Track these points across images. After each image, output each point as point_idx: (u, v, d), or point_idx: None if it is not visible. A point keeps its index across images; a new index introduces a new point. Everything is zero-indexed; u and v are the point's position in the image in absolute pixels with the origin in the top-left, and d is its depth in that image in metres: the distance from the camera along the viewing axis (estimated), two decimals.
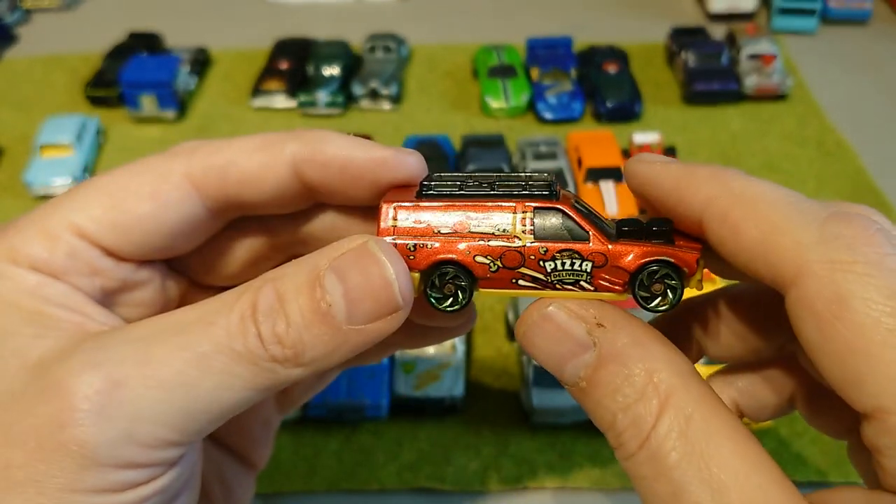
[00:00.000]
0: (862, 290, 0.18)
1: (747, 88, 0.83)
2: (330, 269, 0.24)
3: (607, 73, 0.85)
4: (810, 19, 0.96)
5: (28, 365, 0.24)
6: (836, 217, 0.19)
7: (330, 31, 0.95)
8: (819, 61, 0.92)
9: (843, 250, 0.19)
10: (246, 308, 0.24)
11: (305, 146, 0.28)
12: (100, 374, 0.23)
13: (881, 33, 0.98)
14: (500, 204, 0.26)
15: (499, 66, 0.87)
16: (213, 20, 1.04)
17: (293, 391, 0.39)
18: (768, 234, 0.20)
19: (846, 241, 0.19)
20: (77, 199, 0.28)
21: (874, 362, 0.18)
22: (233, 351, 0.24)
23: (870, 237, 0.19)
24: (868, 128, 0.82)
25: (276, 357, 0.24)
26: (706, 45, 0.87)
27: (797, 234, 0.20)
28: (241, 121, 0.84)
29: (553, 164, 0.71)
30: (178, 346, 0.24)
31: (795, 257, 0.20)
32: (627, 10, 1.04)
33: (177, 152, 0.29)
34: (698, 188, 0.23)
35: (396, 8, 1.06)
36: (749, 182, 0.22)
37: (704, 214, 0.22)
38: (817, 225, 0.19)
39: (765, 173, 0.75)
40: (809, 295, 0.19)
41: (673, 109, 0.84)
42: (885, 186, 0.73)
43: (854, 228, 0.19)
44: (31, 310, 0.26)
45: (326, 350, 0.25)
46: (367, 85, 0.84)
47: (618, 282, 0.26)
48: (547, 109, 0.82)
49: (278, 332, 0.24)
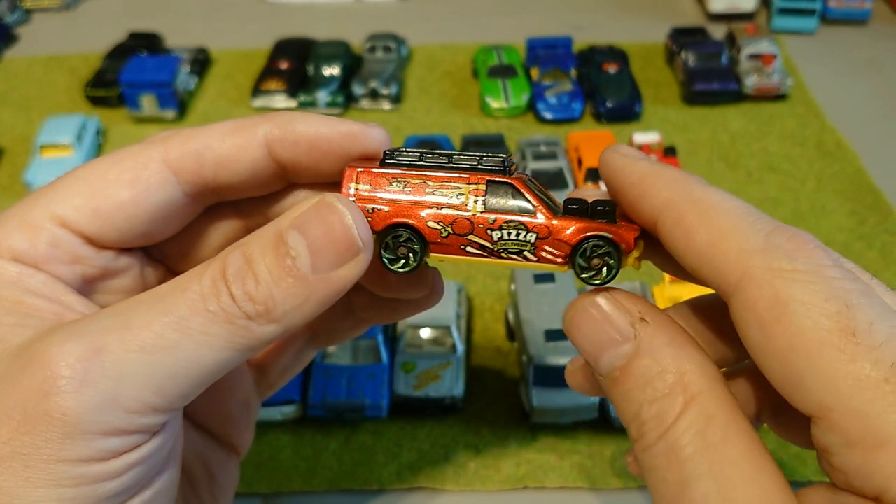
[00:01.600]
0: (801, 295, 0.19)
1: (747, 88, 0.83)
2: (292, 227, 0.26)
3: (607, 73, 0.85)
4: (810, 19, 0.96)
5: (10, 350, 0.25)
6: (781, 230, 0.20)
7: (330, 31, 0.95)
8: (819, 61, 0.92)
9: (784, 259, 0.20)
10: (216, 272, 0.26)
11: (276, 126, 0.30)
12: (81, 343, 0.24)
13: (881, 33, 0.98)
14: (457, 175, 0.28)
15: (499, 66, 0.87)
16: (214, 20, 1.04)
17: (271, 372, 0.40)
18: (716, 240, 0.21)
19: (788, 251, 0.20)
20: (57, 189, 0.29)
21: (814, 362, 0.18)
22: (208, 311, 0.25)
23: (810, 250, 0.20)
24: (867, 128, 0.82)
25: (249, 314, 0.25)
26: (706, 45, 0.87)
27: (743, 241, 0.21)
28: None
29: (553, 164, 0.72)
30: (157, 311, 0.25)
31: (739, 263, 0.20)
32: (627, 11, 1.04)
33: (153, 140, 0.30)
34: (660, 189, 0.24)
35: (396, 8, 1.06)
36: (708, 190, 0.23)
37: (661, 215, 0.23)
38: (763, 235, 0.20)
39: (765, 173, 0.75)
40: (751, 298, 0.20)
41: (673, 109, 0.84)
42: (884, 186, 0.73)
43: (796, 242, 0.20)
44: (10, 300, 0.27)
45: (296, 302, 0.26)
46: (367, 85, 0.85)
47: (559, 254, 0.27)
48: (547, 109, 0.82)
49: (249, 291, 0.25)
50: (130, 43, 0.92)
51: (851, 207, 0.71)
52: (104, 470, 0.24)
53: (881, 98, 0.87)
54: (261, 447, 0.53)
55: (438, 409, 0.54)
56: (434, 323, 0.56)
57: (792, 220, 0.70)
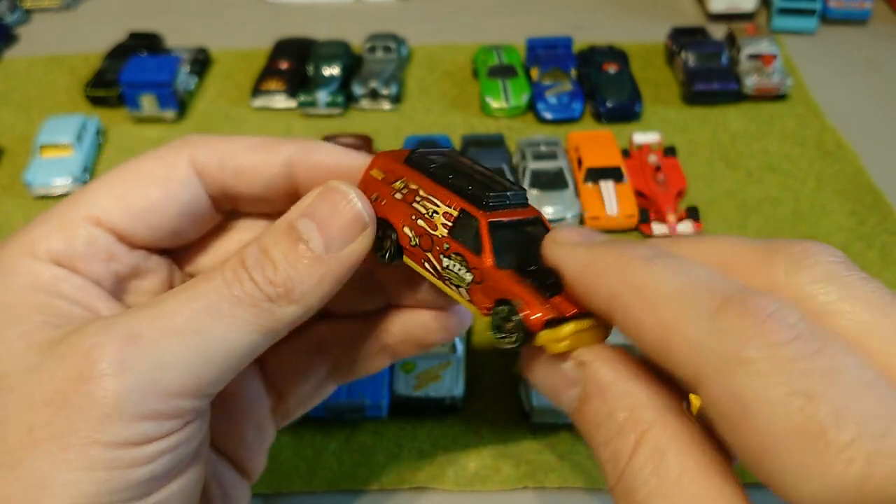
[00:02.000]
0: (759, 391, 0.17)
1: (747, 88, 0.83)
2: (301, 215, 0.28)
3: (607, 73, 0.85)
4: (810, 19, 0.96)
5: (36, 344, 0.26)
6: (730, 306, 0.18)
7: (330, 31, 0.95)
8: (819, 61, 0.92)
9: (734, 347, 0.18)
10: (236, 263, 0.28)
11: (301, 150, 0.32)
12: (118, 331, 0.25)
13: (881, 33, 0.98)
14: (446, 194, 0.29)
15: (499, 67, 0.87)
16: (214, 20, 1.04)
17: (289, 399, 0.40)
18: (664, 336, 0.20)
19: (738, 336, 0.18)
20: (91, 190, 0.31)
21: (787, 466, 0.17)
22: (233, 296, 0.27)
23: (762, 327, 0.17)
24: (868, 128, 0.82)
25: (271, 296, 0.27)
26: (706, 45, 0.87)
27: (690, 333, 0.19)
28: (242, 121, 0.84)
29: (553, 164, 0.72)
30: (186, 299, 0.27)
31: (691, 361, 0.19)
32: (627, 11, 1.04)
33: (181, 143, 0.32)
34: (601, 282, 0.22)
35: (396, 8, 1.06)
36: (650, 272, 0.21)
37: (609, 310, 0.22)
38: (709, 320, 0.18)
39: (764, 173, 0.75)
40: (711, 398, 0.18)
41: (672, 109, 0.84)
42: (884, 186, 0.73)
43: (746, 319, 0.18)
44: (41, 302, 0.28)
45: (313, 281, 0.28)
46: (367, 85, 0.84)
47: (485, 304, 0.28)
48: (547, 109, 0.82)
49: (268, 276, 0.27)
50: (130, 43, 0.92)
51: (851, 207, 0.71)
52: (138, 455, 0.25)
53: (881, 98, 0.87)
54: None
55: (438, 409, 0.54)
56: None
57: (792, 220, 0.70)
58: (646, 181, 0.72)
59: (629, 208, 0.69)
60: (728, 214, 0.71)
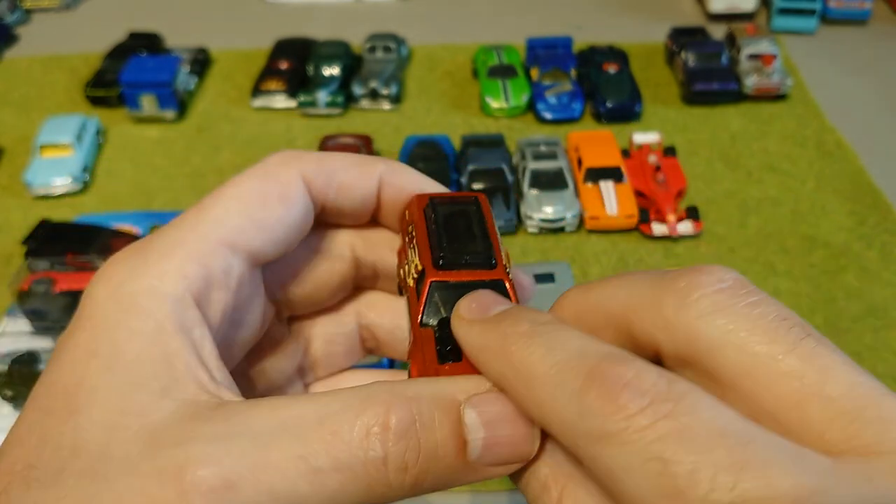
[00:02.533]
0: (622, 463, 0.18)
1: (747, 88, 0.83)
2: (471, 405, 0.23)
3: (607, 73, 0.85)
4: (810, 19, 0.96)
5: (148, 428, 0.24)
6: (590, 383, 0.19)
7: (330, 31, 0.95)
8: (819, 61, 0.92)
9: (598, 425, 0.19)
10: (373, 423, 0.23)
11: (389, 169, 0.31)
12: (217, 472, 0.22)
13: (881, 33, 0.98)
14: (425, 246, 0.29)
15: (499, 67, 0.87)
16: (213, 20, 1.04)
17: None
18: (542, 416, 0.21)
19: (600, 414, 0.19)
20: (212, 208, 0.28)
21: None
22: (352, 472, 0.22)
23: (617, 401, 0.18)
24: (868, 128, 0.82)
25: (394, 484, 0.23)
26: (706, 45, 0.87)
27: (562, 413, 0.20)
28: (242, 121, 0.84)
29: (553, 164, 0.72)
30: (295, 454, 0.23)
31: (567, 438, 0.20)
32: (627, 11, 1.04)
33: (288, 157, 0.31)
34: (489, 362, 0.23)
35: (396, 8, 1.06)
36: (527, 352, 0.21)
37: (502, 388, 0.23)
38: (576, 399, 0.19)
39: (765, 173, 0.75)
40: (590, 471, 0.20)
41: (672, 109, 0.84)
42: (884, 186, 0.73)
43: (605, 397, 0.19)
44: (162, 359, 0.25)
45: (446, 482, 0.24)
46: (367, 85, 0.84)
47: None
48: (547, 109, 0.82)
49: (407, 460, 0.23)
50: (130, 43, 0.92)
51: (851, 207, 0.71)
52: None
53: (881, 98, 0.87)
54: None
55: None
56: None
57: (792, 220, 0.70)
58: (646, 181, 0.72)
59: (629, 208, 0.69)
60: (728, 214, 0.71)
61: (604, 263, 0.67)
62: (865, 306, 0.62)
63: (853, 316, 0.61)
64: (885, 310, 0.61)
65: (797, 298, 0.63)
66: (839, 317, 0.61)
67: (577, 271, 0.65)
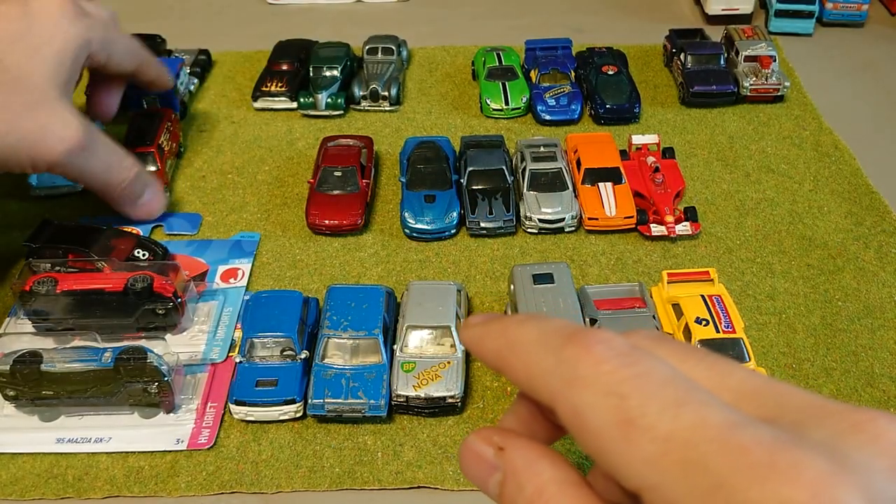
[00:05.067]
0: (587, 398, 0.22)
1: (745, 90, 0.83)
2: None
3: (606, 75, 0.85)
4: (807, 21, 0.96)
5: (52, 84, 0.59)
6: (570, 342, 0.23)
7: (330, 33, 0.96)
8: (816, 63, 0.92)
9: (571, 370, 0.23)
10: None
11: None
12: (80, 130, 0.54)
13: (877, 35, 0.98)
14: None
15: (498, 68, 0.87)
16: (215, 22, 1.05)
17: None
18: (528, 373, 0.25)
19: (573, 361, 0.23)
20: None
21: (614, 456, 0.21)
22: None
23: (590, 352, 0.22)
24: (864, 129, 0.82)
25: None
26: (704, 46, 0.87)
27: (544, 365, 0.24)
28: (243, 122, 0.85)
29: (552, 165, 0.72)
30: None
31: (545, 387, 0.24)
32: (626, 13, 1.05)
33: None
34: (488, 344, 0.27)
35: (397, 10, 1.06)
36: (520, 329, 0.26)
37: (496, 362, 0.27)
38: (556, 354, 0.23)
39: (762, 175, 0.76)
40: (561, 413, 0.23)
41: (671, 111, 0.85)
42: (880, 187, 0.74)
43: (579, 349, 0.23)
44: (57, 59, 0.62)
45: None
46: (368, 87, 0.85)
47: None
48: (546, 111, 0.82)
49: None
50: None
51: (848, 208, 0.72)
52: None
53: (878, 100, 0.87)
54: (261, 447, 0.53)
55: (438, 409, 0.54)
56: (434, 323, 0.57)
57: (789, 221, 0.71)
58: (644, 182, 0.72)
59: (628, 209, 0.69)
60: (726, 215, 0.71)
61: (602, 264, 0.67)
62: (862, 306, 0.62)
63: (850, 316, 0.62)
64: (881, 310, 0.62)
65: (794, 298, 0.63)
66: (836, 317, 0.62)
67: (575, 272, 0.65)
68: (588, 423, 0.22)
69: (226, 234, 0.70)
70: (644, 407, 0.21)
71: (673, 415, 0.20)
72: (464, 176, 0.72)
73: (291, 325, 0.56)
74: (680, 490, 0.19)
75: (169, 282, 0.58)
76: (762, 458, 0.18)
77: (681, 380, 0.21)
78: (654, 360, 0.22)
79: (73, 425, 0.54)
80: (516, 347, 0.25)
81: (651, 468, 0.20)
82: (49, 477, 0.52)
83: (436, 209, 0.69)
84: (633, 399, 0.21)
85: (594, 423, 0.21)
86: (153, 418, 0.55)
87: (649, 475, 0.20)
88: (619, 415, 0.21)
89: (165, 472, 0.52)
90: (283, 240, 0.70)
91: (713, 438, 0.19)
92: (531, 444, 0.26)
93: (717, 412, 0.20)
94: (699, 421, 0.20)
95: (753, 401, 0.22)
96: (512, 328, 0.26)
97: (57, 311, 0.58)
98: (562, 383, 0.23)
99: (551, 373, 0.23)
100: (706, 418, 0.20)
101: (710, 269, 0.62)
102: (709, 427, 0.19)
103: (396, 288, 0.64)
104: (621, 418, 0.21)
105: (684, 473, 0.19)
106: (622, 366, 0.22)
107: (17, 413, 0.55)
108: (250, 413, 0.54)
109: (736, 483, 0.18)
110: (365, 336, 0.56)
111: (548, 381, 0.24)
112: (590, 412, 0.22)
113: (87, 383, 0.53)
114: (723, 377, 0.23)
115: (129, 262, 0.61)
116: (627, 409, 0.21)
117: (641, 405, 0.21)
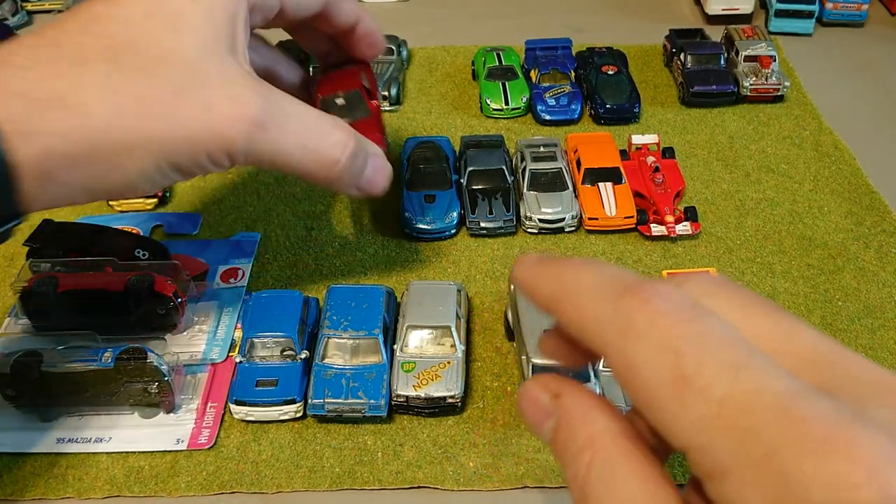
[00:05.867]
0: (641, 353, 0.21)
1: (745, 90, 0.83)
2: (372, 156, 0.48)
3: (606, 75, 0.85)
4: (807, 21, 0.96)
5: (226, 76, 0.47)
6: (627, 292, 0.23)
7: None
8: (816, 63, 0.92)
9: (626, 322, 0.22)
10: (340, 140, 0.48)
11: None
12: (262, 107, 0.48)
13: (877, 35, 0.98)
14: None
15: (498, 68, 0.87)
16: None
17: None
18: (581, 318, 0.24)
19: (629, 314, 0.22)
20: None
21: (665, 412, 0.21)
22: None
23: (647, 304, 0.22)
24: (864, 129, 0.82)
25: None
26: (704, 46, 0.87)
27: (598, 313, 0.23)
28: None
29: (552, 165, 0.72)
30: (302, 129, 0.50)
31: (598, 335, 0.23)
32: (626, 13, 1.05)
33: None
34: (543, 288, 0.27)
35: (397, 10, 1.06)
36: (576, 274, 0.25)
37: (549, 304, 0.26)
38: (612, 303, 0.23)
39: (762, 174, 0.76)
40: (612, 363, 0.23)
41: (671, 111, 0.85)
42: (881, 187, 0.74)
43: (636, 300, 0.22)
44: (227, 29, 0.48)
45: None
46: None
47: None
48: (546, 111, 0.82)
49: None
50: None
51: (848, 208, 0.72)
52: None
53: (878, 100, 0.87)
54: (261, 447, 0.53)
55: (438, 409, 0.54)
56: (434, 323, 0.57)
57: (789, 221, 0.71)
58: (644, 182, 0.72)
59: (628, 209, 0.69)
60: (726, 215, 0.71)
61: None
62: (863, 306, 0.62)
63: (850, 316, 0.62)
64: (882, 310, 0.62)
65: (795, 298, 0.63)
66: (836, 317, 0.62)
67: None
68: (640, 378, 0.21)
69: (226, 234, 0.71)
70: (700, 366, 0.20)
71: (730, 377, 0.20)
72: (464, 176, 0.72)
73: (291, 325, 0.56)
74: (729, 454, 0.19)
75: (169, 282, 0.58)
76: (820, 432, 0.18)
77: (741, 341, 0.21)
78: (714, 318, 0.21)
79: (73, 425, 0.54)
80: (571, 293, 0.25)
81: (702, 429, 0.20)
82: (49, 477, 0.52)
83: (436, 209, 0.69)
84: (689, 357, 0.20)
85: (646, 377, 0.21)
86: (153, 418, 0.55)
87: (699, 436, 0.20)
88: (674, 372, 0.20)
89: (165, 472, 0.52)
90: (283, 240, 0.70)
91: (770, 406, 0.19)
92: (586, 393, 0.26)
93: (777, 380, 0.19)
94: (757, 387, 0.19)
95: (816, 368, 0.21)
96: (569, 272, 0.26)
97: (57, 311, 0.58)
98: (616, 334, 0.22)
99: (606, 322, 0.23)
100: (765, 385, 0.19)
101: (710, 268, 0.62)
102: (767, 394, 0.19)
103: (396, 288, 0.64)
104: (676, 375, 0.20)
105: (736, 438, 0.19)
106: (680, 321, 0.21)
107: (17, 413, 0.55)
108: (250, 413, 0.54)
109: (790, 454, 0.18)
110: (365, 336, 0.56)
111: (601, 330, 0.23)
112: (643, 366, 0.21)
113: (87, 383, 0.53)
114: (787, 337, 0.22)
115: (130, 262, 0.61)
116: (682, 367, 0.20)
117: (698, 364, 0.20)
